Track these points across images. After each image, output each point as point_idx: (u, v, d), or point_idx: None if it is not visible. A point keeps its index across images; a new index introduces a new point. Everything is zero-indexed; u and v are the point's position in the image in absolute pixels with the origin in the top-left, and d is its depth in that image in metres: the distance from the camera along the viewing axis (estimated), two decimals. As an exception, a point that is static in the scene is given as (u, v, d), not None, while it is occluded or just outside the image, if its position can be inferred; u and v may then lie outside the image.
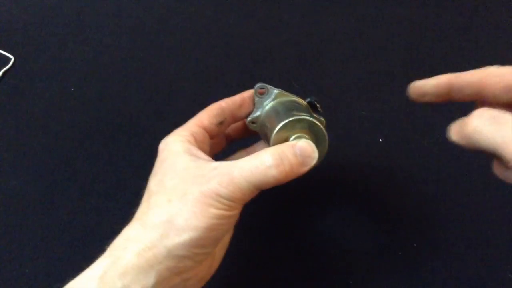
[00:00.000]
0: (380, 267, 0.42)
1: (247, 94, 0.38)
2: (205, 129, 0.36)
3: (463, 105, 0.53)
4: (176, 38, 0.60)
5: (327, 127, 0.36)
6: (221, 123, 0.37)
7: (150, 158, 0.50)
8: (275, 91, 0.37)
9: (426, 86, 0.35)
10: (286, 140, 0.33)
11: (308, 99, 0.38)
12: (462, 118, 0.30)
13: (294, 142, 0.33)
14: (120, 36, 0.60)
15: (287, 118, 0.33)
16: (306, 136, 0.34)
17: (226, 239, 0.37)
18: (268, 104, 0.37)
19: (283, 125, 0.33)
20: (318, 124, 0.34)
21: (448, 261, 0.41)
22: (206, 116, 0.36)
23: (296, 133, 0.33)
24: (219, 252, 0.35)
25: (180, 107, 0.54)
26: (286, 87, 0.55)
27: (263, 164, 0.30)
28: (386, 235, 0.44)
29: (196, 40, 0.59)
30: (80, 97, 0.55)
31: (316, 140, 0.34)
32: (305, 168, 0.32)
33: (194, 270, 0.31)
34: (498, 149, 0.27)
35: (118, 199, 0.47)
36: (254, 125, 0.37)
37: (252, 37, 0.59)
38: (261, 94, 0.37)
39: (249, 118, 0.37)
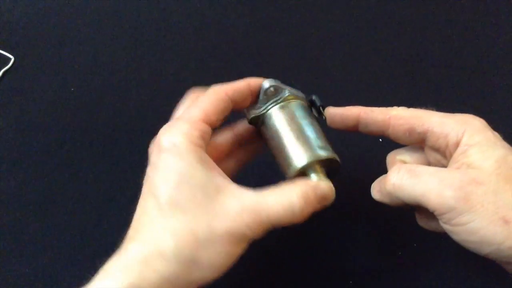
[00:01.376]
0: (380, 267, 0.42)
1: (254, 83, 0.35)
2: (211, 125, 0.33)
3: (463, 104, 0.53)
4: (176, 38, 0.60)
5: (326, 127, 0.36)
6: (225, 118, 0.35)
7: (150, 158, 0.50)
8: (286, 92, 0.35)
9: (335, 115, 0.35)
10: (304, 172, 0.32)
11: (312, 98, 0.37)
12: (382, 176, 0.33)
13: (316, 183, 0.31)
14: (120, 36, 0.60)
15: (308, 158, 0.32)
16: (322, 170, 0.33)
17: None
18: (276, 107, 0.35)
19: (303, 167, 0.32)
20: (338, 160, 0.33)
21: (448, 261, 0.41)
22: (213, 111, 0.32)
23: (314, 167, 0.33)
24: None
25: (180, 107, 0.54)
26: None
27: (291, 211, 0.29)
28: (386, 235, 0.44)
29: (196, 40, 0.59)
30: (80, 97, 0.55)
31: (329, 171, 0.33)
32: (319, 208, 0.31)
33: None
34: (420, 201, 0.29)
35: (118, 199, 0.47)
36: (255, 121, 0.35)
37: (252, 37, 0.59)
38: (270, 93, 0.35)
39: (252, 115, 0.35)
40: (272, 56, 0.57)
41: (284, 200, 0.29)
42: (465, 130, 0.30)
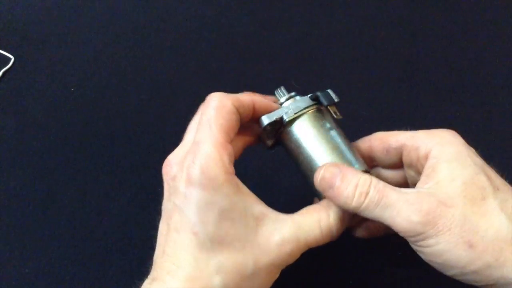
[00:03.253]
0: (380, 267, 0.42)
1: (257, 98, 0.33)
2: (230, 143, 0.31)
3: (463, 104, 0.53)
4: (176, 38, 0.60)
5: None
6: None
7: (150, 158, 0.50)
8: (307, 102, 0.34)
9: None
10: None
11: (326, 103, 0.35)
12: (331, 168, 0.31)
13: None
14: (120, 36, 0.60)
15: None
16: None
17: None
18: (299, 120, 0.33)
19: None
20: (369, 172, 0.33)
21: (448, 261, 0.41)
22: (231, 128, 0.30)
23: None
24: None
25: (180, 107, 0.54)
26: (286, 87, 0.55)
27: (329, 232, 0.31)
28: (386, 236, 0.44)
29: (196, 40, 0.59)
30: (80, 97, 0.55)
31: None
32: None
33: None
34: (386, 222, 0.29)
35: (118, 199, 0.47)
36: (270, 128, 0.33)
37: (252, 37, 0.59)
38: (285, 100, 0.34)
39: (268, 121, 0.32)
40: (272, 56, 0.57)
41: (324, 225, 0.30)
42: (435, 142, 0.30)
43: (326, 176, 0.30)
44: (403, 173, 0.34)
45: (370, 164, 0.35)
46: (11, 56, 0.59)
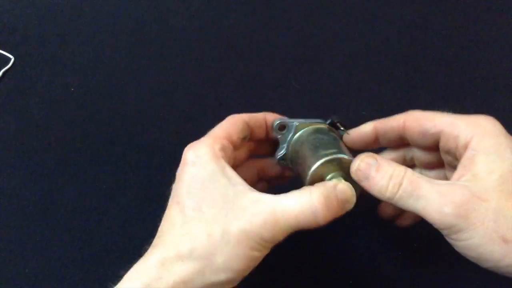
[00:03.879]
0: (380, 267, 0.42)
1: (269, 116, 0.37)
2: (232, 143, 0.34)
3: (463, 104, 0.53)
4: (176, 38, 0.60)
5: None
6: (244, 138, 0.35)
7: (150, 158, 0.50)
8: (295, 123, 0.36)
9: (354, 136, 0.36)
10: (322, 178, 0.32)
11: (329, 120, 0.37)
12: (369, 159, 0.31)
13: (335, 184, 0.31)
14: (120, 36, 0.60)
15: (318, 159, 0.32)
16: (340, 174, 0.32)
17: None
18: (293, 139, 0.36)
19: (317, 167, 0.32)
20: (349, 159, 0.33)
21: (448, 261, 0.41)
22: (234, 130, 0.34)
23: (330, 172, 0.32)
24: None
25: (180, 107, 0.54)
26: (286, 87, 0.55)
27: (309, 210, 0.29)
28: (386, 235, 0.44)
29: (196, 40, 0.59)
30: (80, 97, 0.55)
31: (349, 177, 0.33)
32: (341, 213, 0.30)
33: None
34: (420, 213, 0.29)
35: (118, 199, 0.47)
36: (284, 162, 0.37)
37: (252, 37, 0.59)
38: (281, 130, 0.36)
39: (278, 157, 0.37)
40: (272, 56, 0.57)
41: (304, 201, 0.29)
42: (475, 133, 0.29)
43: (362, 167, 0.31)
44: (438, 155, 0.34)
45: (401, 143, 0.35)
46: (11, 56, 0.59)
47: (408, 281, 0.41)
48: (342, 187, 0.30)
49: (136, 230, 0.45)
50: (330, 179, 0.32)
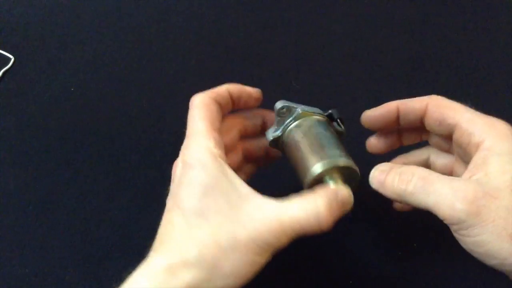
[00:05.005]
0: (380, 267, 0.42)
1: (232, 87, 0.37)
2: (218, 131, 0.34)
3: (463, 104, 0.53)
4: (176, 38, 0.60)
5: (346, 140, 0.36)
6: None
7: (150, 158, 0.50)
8: (298, 109, 0.36)
9: (375, 115, 0.36)
10: (320, 179, 0.32)
11: (328, 112, 0.37)
12: (383, 168, 0.33)
13: (336, 189, 0.31)
14: (120, 36, 0.60)
15: (323, 164, 0.32)
16: (340, 177, 0.32)
17: None
18: (292, 125, 0.36)
19: (321, 172, 0.32)
20: (354, 168, 0.33)
21: (448, 261, 0.41)
22: (215, 117, 0.34)
23: (331, 175, 0.32)
24: None
25: (180, 107, 0.54)
26: (286, 87, 0.55)
27: (316, 218, 0.29)
28: (386, 236, 0.44)
29: (196, 40, 0.59)
30: (80, 97, 0.55)
31: (348, 177, 0.33)
32: (341, 214, 0.31)
33: None
34: (431, 209, 0.29)
35: (118, 199, 0.47)
36: (275, 144, 0.36)
37: (252, 37, 0.59)
38: (283, 114, 0.36)
39: (270, 138, 0.36)
40: (272, 56, 0.57)
41: (309, 208, 0.29)
42: (490, 134, 0.30)
43: (377, 174, 0.33)
44: (451, 144, 0.35)
45: (418, 126, 0.35)
46: (11, 56, 0.59)
47: (408, 281, 0.41)
48: (343, 192, 0.31)
49: (136, 230, 0.45)
50: (328, 180, 0.32)
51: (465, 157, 0.32)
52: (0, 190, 0.48)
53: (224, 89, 0.36)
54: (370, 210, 0.45)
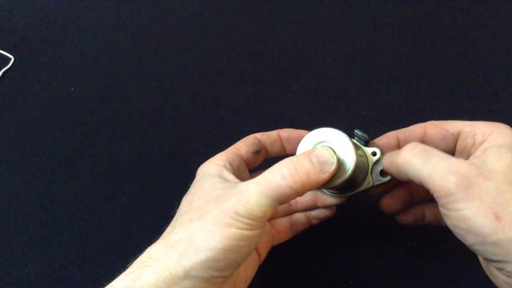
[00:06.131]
0: (380, 267, 0.42)
1: (283, 132, 0.39)
2: (242, 156, 0.36)
3: (463, 104, 0.53)
4: (176, 38, 0.60)
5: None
6: (257, 152, 0.37)
7: (150, 158, 0.50)
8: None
9: (379, 144, 0.37)
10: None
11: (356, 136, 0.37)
12: (396, 151, 0.34)
13: (311, 150, 0.32)
14: (120, 36, 0.60)
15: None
16: (328, 145, 0.33)
17: (250, 271, 0.36)
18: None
19: (308, 136, 0.33)
20: (339, 131, 0.33)
21: (448, 261, 0.41)
22: (243, 145, 0.37)
23: (318, 144, 0.33)
24: (240, 283, 0.35)
25: (180, 107, 0.54)
26: (286, 87, 0.55)
27: (278, 176, 0.30)
28: (386, 235, 0.44)
29: (196, 40, 0.59)
30: (80, 97, 0.55)
31: (342, 151, 0.33)
32: (325, 175, 0.31)
33: None
34: (424, 180, 0.30)
35: (118, 199, 0.47)
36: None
37: (252, 37, 0.59)
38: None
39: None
40: (272, 56, 0.57)
41: (271, 171, 0.30)
42: (492, 132, 0.31)
43: (387, 157, 0.34)
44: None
45: None
46: (11, 56, 0.59)
47: (408, 281, 0.41)
48: (319, 151, 0.32)
49: (136, 230, 0.45)
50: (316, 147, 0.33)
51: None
52: (0, 190, 0.48)
53: (275, 132, 0.39)
54: (370, 210, 0.45)
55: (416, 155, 0.30)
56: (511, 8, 0.59)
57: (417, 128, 0.36)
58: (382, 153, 0.36)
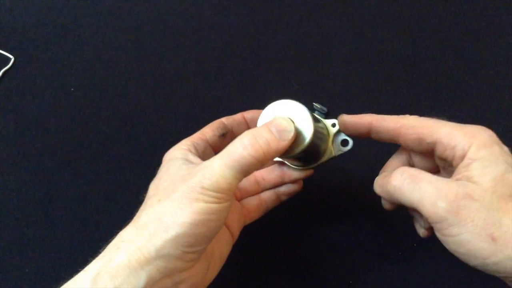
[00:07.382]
0: (380, 267, 0.42)
1: (247, 114, 0.40)
2: (207, 141, 0.37)
3: (463, 104, 0.53)
4: (176, 38, 0.60)
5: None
6: (223, 135, 0.38)
7: (150, 158, 0.50)
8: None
9: (349, 122, 0.37)
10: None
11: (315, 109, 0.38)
12: (386, 173, 0.34)
13: (270, 121, 0.33)
14: (120, 36, 0.60)
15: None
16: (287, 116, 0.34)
17: (224, 250, 0.36)
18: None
19: (267, 108, 0.34)
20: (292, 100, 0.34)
21: (448, 261, 0.41)
22: (208, 130, 0.37)
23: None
24: (215, 261, 0.35)
25: (180, 107, 0.54)
26: (286, 87, 0.55)
27: (239, 147, 0.30)
28: (386, 235, 0.44)
29: (196, 40, 0.59)
30: (80, 97, 0.55)
31: (300, 120, 0.34)
32: (284, 143, 0.32)
33: (186, 273, 0.31)
34: (416, 206, 0.30)
35: (118, 199, 0.47)
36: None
37: (252, 37, 0.59)
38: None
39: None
40: (272, 56, 0.57)
41: (233, 143, 0.31)
42: (472, 143, 0.30)
43: (379, 182, 0.35)
44: (433, 161, 0.35)
45: (392, 142, 0.36)
46: (11, 56, 0.59)
47: (409, 281, 0.41)
48: (277, 120, 0.33)
49: (136, 230, 0.45)
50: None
51: (451, 169, 0.32)
52: (0, 190, 0.48)
53: (239, 115, 0.40)
54: (370, 211, 0.45)
55: (405, 181, 0.31)
56: (511, 8, 0.59)
57: (392, 123, 0.34)
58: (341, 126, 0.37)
